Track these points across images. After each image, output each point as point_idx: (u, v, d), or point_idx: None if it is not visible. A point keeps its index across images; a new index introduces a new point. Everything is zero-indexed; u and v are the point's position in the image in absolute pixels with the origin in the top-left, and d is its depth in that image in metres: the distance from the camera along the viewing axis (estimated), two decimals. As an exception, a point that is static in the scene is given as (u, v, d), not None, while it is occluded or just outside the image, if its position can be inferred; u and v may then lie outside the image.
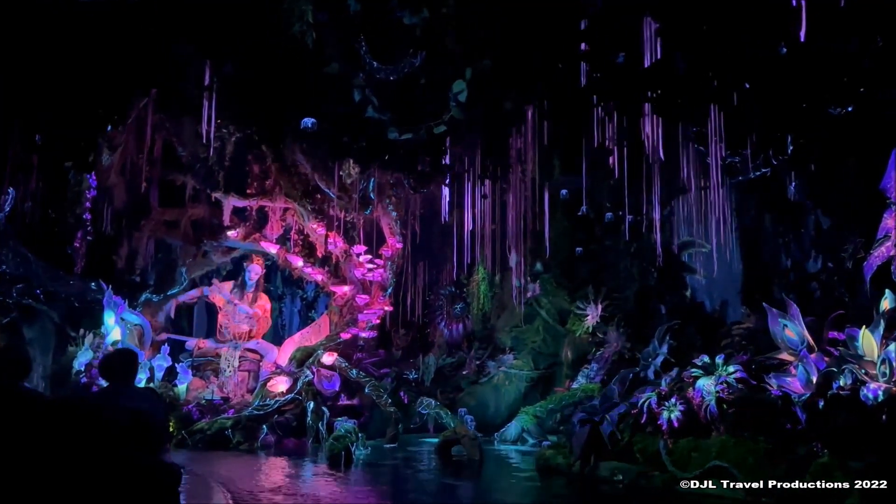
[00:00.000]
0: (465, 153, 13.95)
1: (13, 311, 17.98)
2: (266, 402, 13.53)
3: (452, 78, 8.75)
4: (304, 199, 16.36)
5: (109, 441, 3.80)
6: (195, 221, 17.07)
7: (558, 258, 16.39)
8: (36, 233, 16.09)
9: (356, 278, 16.63)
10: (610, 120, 12.63)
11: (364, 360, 15.72)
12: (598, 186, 15.69)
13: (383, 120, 9.00)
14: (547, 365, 16.13)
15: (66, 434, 3.69)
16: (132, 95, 10.89)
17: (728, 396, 8.25)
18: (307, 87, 10.28)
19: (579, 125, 13.34)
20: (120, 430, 4.08)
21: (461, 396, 16.18)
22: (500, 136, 12.57)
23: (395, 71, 8.47)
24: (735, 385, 8.37)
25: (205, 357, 15.58)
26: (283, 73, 10.89)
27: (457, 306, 18.89)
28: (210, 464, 10.28)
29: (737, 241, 15.17)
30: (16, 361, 4.39)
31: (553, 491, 9.20)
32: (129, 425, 4.22)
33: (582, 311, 15.92)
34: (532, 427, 13.67)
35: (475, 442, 11.12)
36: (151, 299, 16.22)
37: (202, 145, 15.01)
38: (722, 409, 8.27)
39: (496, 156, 13.03)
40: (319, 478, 9.67)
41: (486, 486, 9.92)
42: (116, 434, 3.95)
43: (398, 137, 9.29)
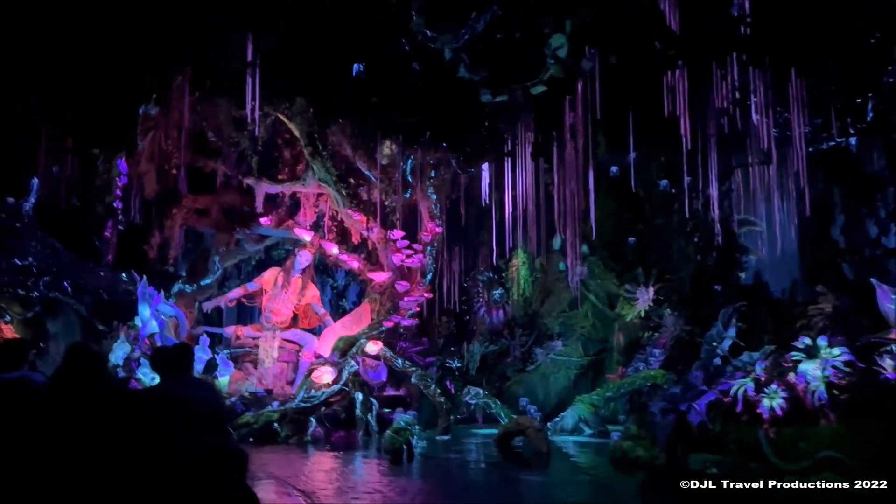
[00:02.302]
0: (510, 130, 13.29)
1: (36, 305, 17.54)
2: (312, 393, 12.95)
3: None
4: (338, 184, 15.73)
5: (185, 428, 4.00)
6: (226, 209, 16.49)
7: (605, 239, 15.72)
8: (64, 223, 15.57)
9: (394, 265, 16.01)
10: (669, 90, 11.93)
11: (408, 348, 15.12)
12: (647, 163, 15.01)
13: (475, 80, 8.34)
14: (596, 351, 15.49)
15: (151, 421, 3.85)
16: (171, 71, 10.24)
17: (840, 381, 7.58)
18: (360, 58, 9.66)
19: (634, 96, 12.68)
20: (193, 418, 4.36)
21: (508, 385, 15.59)
22: (554, 110, 11.89)
23: (468, 29, 7.79)
24: (843, 368, 7.70)
25: (243, 348, 15.00)
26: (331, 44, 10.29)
27: (496, 292, 18.24)
28: (268, 461, 9.70)
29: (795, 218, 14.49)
30: (94, 356, 4.44)
31: (654, 486, 8.54)
32: (199, 413, 4.56)
33: (631, 295, 15.27)
34: (589, 416, 13.04)
35: (542, 434, 10.52)
36: (185, 290, 15.65)
37: (235, 129, 14.43)
38: (832, 394, 7.61)
39: (548, 131, 12.36)
40: (391, 475, 9.06)
41: (572, 481, 9.28)
42: (190, 421, 4.18)
43: (491, 100, 8.63)
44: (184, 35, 10.24)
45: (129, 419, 3.76)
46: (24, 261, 16.19)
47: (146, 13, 9.96)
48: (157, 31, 10.08)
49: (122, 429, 3.66)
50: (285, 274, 16.23)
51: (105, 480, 3.45)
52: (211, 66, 10.86)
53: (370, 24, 10.06)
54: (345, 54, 10.28)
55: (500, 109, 11.41)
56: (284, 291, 15.95)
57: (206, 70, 10.92)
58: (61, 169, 12.98)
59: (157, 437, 3.73)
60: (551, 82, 8.64)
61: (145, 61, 10.03)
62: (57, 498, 3.38)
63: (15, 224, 15.45)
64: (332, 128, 13.27)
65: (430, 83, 10.65)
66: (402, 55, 10.21)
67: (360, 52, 10.11)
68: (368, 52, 10.06)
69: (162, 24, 10.08)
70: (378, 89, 10.19)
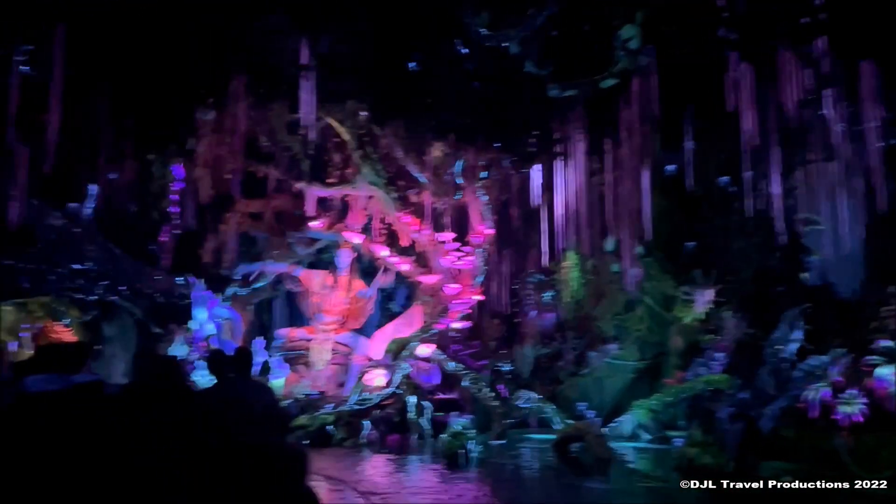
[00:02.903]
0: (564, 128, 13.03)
1: (94, 308, 17.96)
2: (365, 396, 12.91)
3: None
4: (388, 187, 15.71)
5: (252, 428, 4.09)
6: (278, 213, 16.64)
7: (660, 240, 15.30)
8: (121, 228, 15.90)
9: (444, 267, 15.91)
10: (730, 83, 11.50)
11: (460, 351, 14.99)
12: (705, 161, 14.56)
13: (542, 75, 8.18)
14: (653, 355, 15.08)
15: (223, 422, 3.97)
16: (229, 75, 10.32)
17: (926, 387, 7.19)
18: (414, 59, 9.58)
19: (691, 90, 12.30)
20: (258, 419, 4.48)
21: (561, 389, 15.29)
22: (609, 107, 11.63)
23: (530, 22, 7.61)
24: (928, 374, 7.30)
25: (296, 350, 15.08)
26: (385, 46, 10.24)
27: (546, 294, 17.96)
28: (326, 463, 9.66)
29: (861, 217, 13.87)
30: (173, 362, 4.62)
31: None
32: (263, 414, 4.68)
33: (689, 297, 14.84)
34: (648, 422, 12.69)
35: (602, 440, 10.22)
36: (239, 293, 15.82)
37: (288, 134, 14.53)
38: (917, 401, 7.22)
39: (603, 129, 12.09)
40: (449, 479, 8.93)
41: (635, 488, 9.02)
42: (256, 422, 4.27)
43: (559, 94, 8.46)
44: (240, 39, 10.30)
45: (205, 420, 3.83)
46: (82, 265, 16.62)
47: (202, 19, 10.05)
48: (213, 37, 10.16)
49: (199, 430, 3.72)
50: (332, 274, 16.32)
51: (185, 479, 3.51)
52: (266, 70, 10.90)
53: (424, 25, 9.98)
54: (399, 56, 10.21)
55: (557, 107, 11.20)
56: (334, 291, 16.02)
57: (261, 74, 10.96)
58: (119, 175, 13.23)
59: (229, 437, 3.81)
60: (622, 75, 8.38)
61: (203, 66, 10.11)
62: (141, 496, 3.42)
63: (75, 229, 15.88)
64: (384, 130, 13.21)
65: (484, 83, 10.52)
66: (456, 56, 10.10)
67: (415, 53, 10.02)
68: (422, 53, 9.97)
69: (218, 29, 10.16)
70: (432, 90, 10.08)
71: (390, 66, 10.28)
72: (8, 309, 17.21)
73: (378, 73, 10.28)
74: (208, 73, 10.51)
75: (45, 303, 17.41)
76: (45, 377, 4.72)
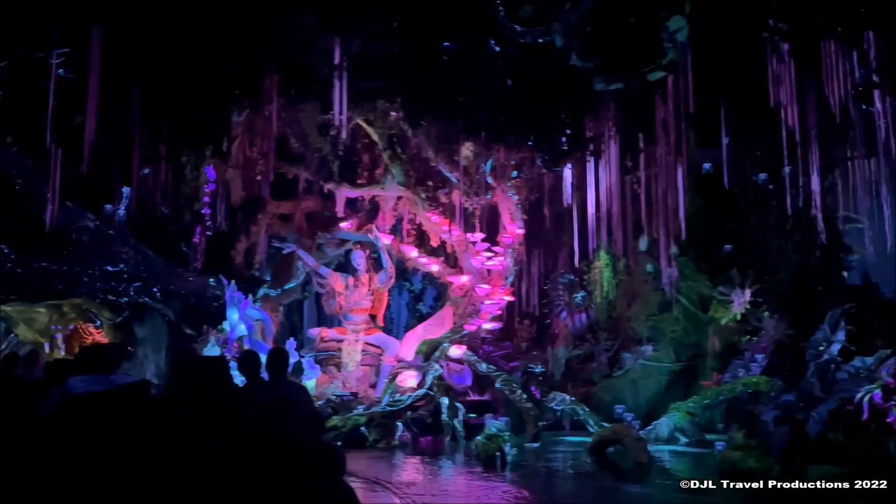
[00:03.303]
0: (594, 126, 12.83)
1: (125, 310, 18.12)
2: (397, 397, 12.83)
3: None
4: (417, 187, 15.63)
5: (291, 426, 4.13)
6: (308, 214, 16.64)
7: (695, 239, 15.03)
8: (153, 229, 16.01)
9: (474, 268, 15.79)
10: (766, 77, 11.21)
11: (492, 352, 14.85)
12: (741, 158, 14.28)
13: (588, 69, 8.03)
14: (689, 356, 14.82)
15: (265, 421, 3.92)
16: (261, 75, 10.29)
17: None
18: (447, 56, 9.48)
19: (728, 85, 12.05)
20: (298, 418, 4.65)
21: (594, 391, 15.08)
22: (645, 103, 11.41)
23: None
24: None
25: (327, 351, 15.05)
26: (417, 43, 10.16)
27: (577, 295, 17.74)
28: (360, 464, 9.59)
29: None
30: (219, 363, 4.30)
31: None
32: (301, 413, 4.89)
33: (725, 297, 14.55)
34: (686, 425, 12.43)
35: (641, 443, 10.02)
36: (270, 294, 15.85)
37: (319, 135, 14.51)
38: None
39: (638, 126, 11.87)
40: (486, 482, 8.81)
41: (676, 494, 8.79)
42: (295, 421, 4.41)
43: (605, 88, 8.31)
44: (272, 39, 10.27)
45: (253, 419, 3.77)
46: (115, 267, 16.77)
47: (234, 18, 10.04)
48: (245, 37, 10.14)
49: (247, 428, 3.67)
50: (353, 277, 16.27)
51: (234, 476, 3.46)
52: (298, 70, 10.86)
53: (457, 22, 9.87)
54: (431, 53, 10.11)
55: (591, 104, 11.03)
56: (357, 290, 15.99)
57: (293, 74, 10.92)
58: (153, 176, 13.30)
59: (274, 435, 3.76)
60: (670, 67, 8.20)
61: (235, 67, 10.10)
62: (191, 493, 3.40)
63: (108, 231, 16.03)
64: (416, 130, 13.13)
65: (517, 80, 10.38)
66: (490, 53, 9.97)
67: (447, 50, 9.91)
68: (455, 50, 9.85)
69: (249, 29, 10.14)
70: (465, 88, 9.97)
71: (423, 64, 10.17)
72: (41, 310, 17.47)
73: (410, 72, 10.17)
74: (241, 74, 10.49)
75: (78, 304, 17.63)
76: (87, 378, 4.75)
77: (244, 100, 10.47)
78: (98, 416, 3.93)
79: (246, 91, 11.10)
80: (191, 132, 11.20)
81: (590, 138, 11.41)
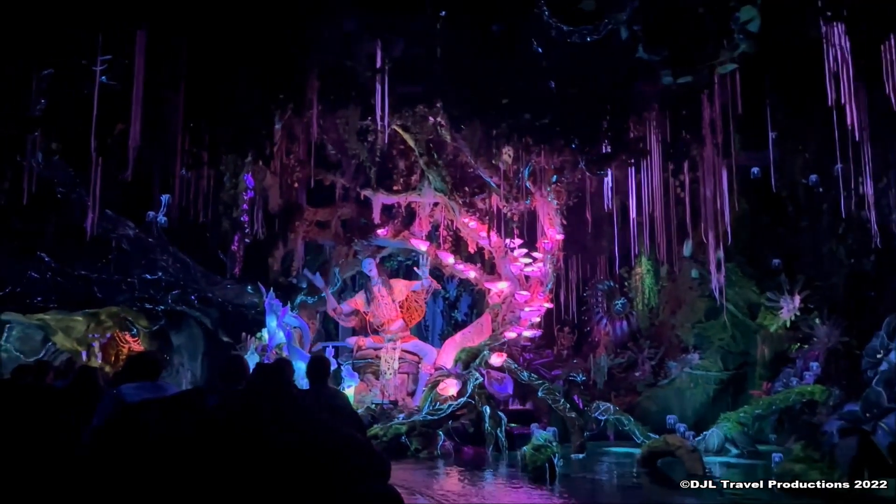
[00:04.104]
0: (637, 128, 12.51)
1: (162, 318, 18.17)
2: (438, 406, 12.60)
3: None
4: (454, 193, 15.43)
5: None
6: (344, 221, 16.55)
7: (741, 244, 14.61)
8: (192, 237, 16.03)
9: (512, 274, 15.52)
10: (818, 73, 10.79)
11: (533, 360, 14.55)
12: (790, 160, 13.85)
13: (654, 62, 7.78)
14: (737, 365, 14.37)
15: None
16: (303, 80, 10.19)
17: None
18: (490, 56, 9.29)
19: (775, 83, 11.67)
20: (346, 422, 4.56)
21: (639, 401, 14.70)
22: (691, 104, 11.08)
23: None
24: None
25: (365, 359, 14.89)
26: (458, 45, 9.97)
27: (617, 302, 17.39)
28: (407, 476, 9.37)
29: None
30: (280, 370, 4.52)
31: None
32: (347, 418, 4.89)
33: (774, 303, 14.10)
34: (737, 436, 12.00)
35: (695, 455, 9.66)
36: (307, 301, 15.75)
37: (357, 141, 14.40)
38: None
39: (684, 127, 11.53)
40: (538, 496, 8.53)
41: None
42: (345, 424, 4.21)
43: (673, 82, 8.06)
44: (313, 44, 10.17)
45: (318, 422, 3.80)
46: (154, 275, 16.84)
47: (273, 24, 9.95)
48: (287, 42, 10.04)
49: (316, 430, 3.69)
50: (370, 291, 16.03)
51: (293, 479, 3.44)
52: (338, 74, 10.73)
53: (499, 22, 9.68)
54: (473, 55, 9.92)
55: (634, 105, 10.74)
56: (381, 301, 15.78)
57: (333, 80, 10.80)
58: (193, 183, 13.29)
59: (338, 436, 3.77)
60: (742, 59, 7.90)
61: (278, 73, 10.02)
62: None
63: (148, 239, 16.09)
64: (456, 133, 12.94)
65: (562, 82, 10.14)
66: (534, 53, 9.76)
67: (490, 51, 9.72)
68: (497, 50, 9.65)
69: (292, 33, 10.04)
70: (509, 90, 9.76)
71: (465, 66, 9.99)
72: (78, 319, 17.61)
73: (452, 73, 10.00)
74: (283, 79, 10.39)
75: (115, 313, 17.74)
76: (137, 386, 4.70)
77: (287, 104, 10.35)
78: (158, 423, 3.86)
79: (288, 96, 11.01)
80: (234, 137, 11.13)
81: (634, 140, 11.09)
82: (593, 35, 8.43)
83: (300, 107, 10.44)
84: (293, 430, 3.54)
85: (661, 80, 8.00)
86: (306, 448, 3.50)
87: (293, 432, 3.52)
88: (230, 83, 9.82)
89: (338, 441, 3.69)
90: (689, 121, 12.14)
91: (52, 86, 10.47)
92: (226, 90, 9.86)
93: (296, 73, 10.21)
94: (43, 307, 16.81)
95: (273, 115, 10.46)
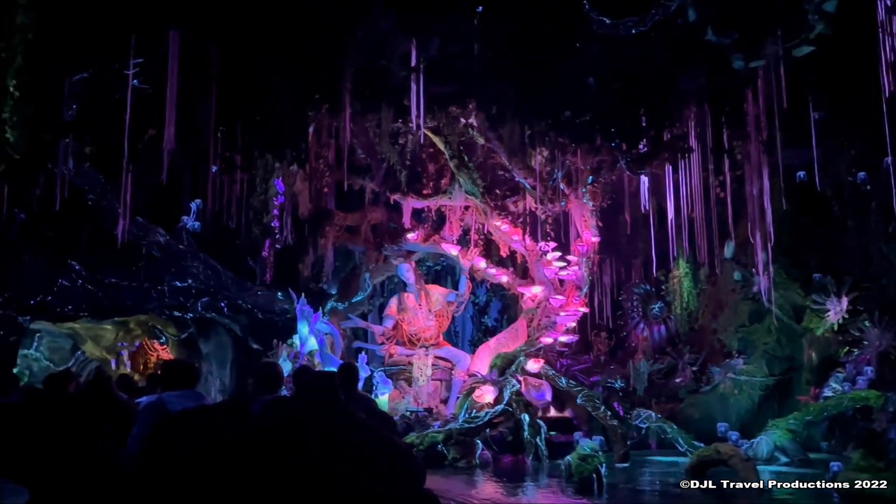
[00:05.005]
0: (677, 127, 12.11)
1: (190, 326, 18.06)
2: (474, 414, 12.26)
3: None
4: (485, 196, 15.13)
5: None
6: (374, 225, 16.33)
7: (785, 245, 14.10)
8: (222, 244, 15.92)
9: (546, 278, 15.15)
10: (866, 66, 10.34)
11: (570, 366, 14.16)
12: (834, 158, 13.36)
13: (724, 44, 7.42)
14: (783, 370, 13.86)
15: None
16: (337, 81, 9.96)
17: None
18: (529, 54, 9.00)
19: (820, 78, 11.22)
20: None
21: (681, 408, 14.23)
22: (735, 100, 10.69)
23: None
24: None
25: (397, 365, 14.62)
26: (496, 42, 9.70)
27: (654, 306, 16.94)
28: (448, 486, 9.05)
29: None
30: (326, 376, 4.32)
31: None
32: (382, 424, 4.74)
33: (820, 306, 13.59)
34: (787, 443, 11.51)
35: (749, 464, 9.22)
36: (337, 307, 15.54)
37: (388, 144, 14.18)
38: None
39: (726, 124, 11.14)
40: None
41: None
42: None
43: (743, 66, 7.71)
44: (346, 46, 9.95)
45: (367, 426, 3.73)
46: (184, 282, 16.72)
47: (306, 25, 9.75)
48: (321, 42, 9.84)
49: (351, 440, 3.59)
50: (406, 297, 15.78)
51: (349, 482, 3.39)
52: (371, 75, 10.49)
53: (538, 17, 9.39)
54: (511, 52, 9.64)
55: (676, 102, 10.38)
56: (417, 310, 15.50)
57: (366, 81, 10.56)
58: (224, 189, 13.16)
59: (384, 440, 3.73)
60: (818, 42, 7.53)
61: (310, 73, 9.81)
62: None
63: (178, 245, 15.99)
64: (491, 134, 12.65)
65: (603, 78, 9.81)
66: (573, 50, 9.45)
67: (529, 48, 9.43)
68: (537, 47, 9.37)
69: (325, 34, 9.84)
70: (549, 88, 9.46)
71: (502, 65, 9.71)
72: (107, 327, 17.57)
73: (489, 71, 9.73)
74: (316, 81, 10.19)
75: (143, 321, 17.67)
76: (179, 394, 4.63)
77: (322, 104, 10.14)
78: (207, 432, 3.66)
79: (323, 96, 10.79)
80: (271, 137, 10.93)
81: (677, 137, 10.71)
82: (639, 27, 8.09)
83: (335, 107, 10.20)
84: (342, 436, 3.47)
85: (732, 63, 7.61)
86: (354, 452, 3.44)
87: (342, 438, 3.46)
88: (265, 84, 9.63)
89: (382, 446, 3.63)
90: (733, 117, 11.75)
91: (84, 90, 10.36)
92: (261, 91, 9.68)
93: (331, 72, 9.98)
94: (73, 316, 16.79)
95: (307, 116, 10.23)
